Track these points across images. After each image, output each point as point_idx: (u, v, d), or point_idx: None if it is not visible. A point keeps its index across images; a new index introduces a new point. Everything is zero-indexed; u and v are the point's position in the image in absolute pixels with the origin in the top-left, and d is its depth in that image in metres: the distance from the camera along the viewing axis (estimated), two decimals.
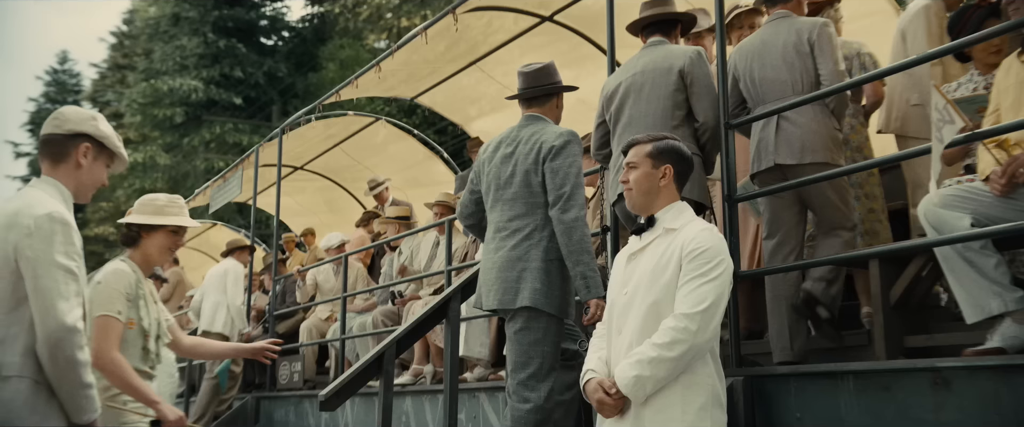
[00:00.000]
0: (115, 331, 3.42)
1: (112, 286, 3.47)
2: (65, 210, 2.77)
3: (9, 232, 2.69)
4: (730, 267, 3.12)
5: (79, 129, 2.93)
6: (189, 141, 27.79)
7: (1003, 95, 3.59)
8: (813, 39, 4.37)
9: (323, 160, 11.99)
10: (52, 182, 2.88)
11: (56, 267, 2.65)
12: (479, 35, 8.10)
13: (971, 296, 3.37)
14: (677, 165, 3.34)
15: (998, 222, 3.38)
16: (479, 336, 6.09)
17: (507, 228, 4.14)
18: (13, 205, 2.77)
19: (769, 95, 4.46)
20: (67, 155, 2.91)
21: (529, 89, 4.34)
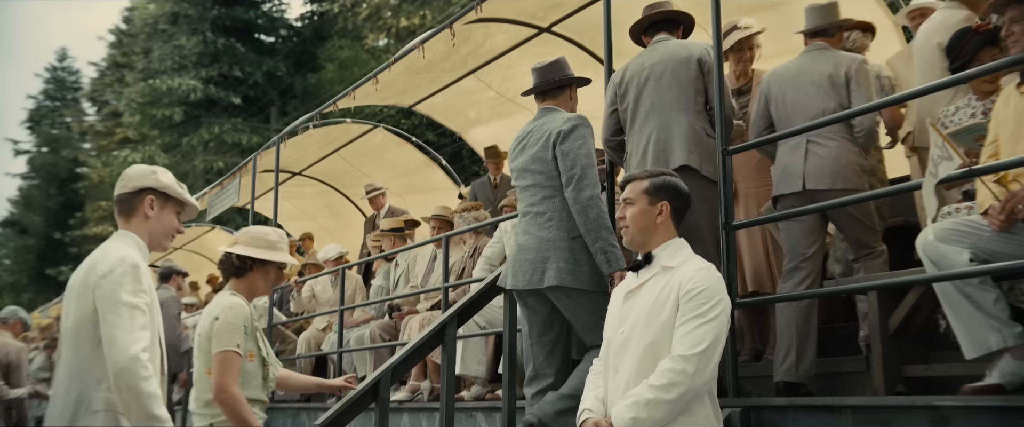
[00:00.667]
0: (234, 366, 3.52)
1: (231, 321, 3.58)
2: (137, 255, 3.02)
3: (89, 275, 2.95)
4: (728, 306, 3.10)
5: (141, 184, 3.17)
6: (188, 141, 27.77)
7: (1002, 126, 3.56)
8: (851, 74, 4.51)
9: (321, 166, 11.96)
10: (127, 234, 3.14)
11: (122, 304, 2.87)
12: (476, 45, 8.07)
13: (970, 332, 3.34)
14: (674, 201, 3.31)
15: (997, 256, 3.36)
16: (476, 354, 6.07)
17: (530, 212, 4.29)
18: (93, 257, 3.04)
19: (797, 120, 4.55)
20: (135, 209, 3.16)
21: (542, 83, 4.47)
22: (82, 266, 3.06)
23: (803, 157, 4.46)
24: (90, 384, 2.91)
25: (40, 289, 42.28)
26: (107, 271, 2.91)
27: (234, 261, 3.76)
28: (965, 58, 4.22)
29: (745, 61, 5.45)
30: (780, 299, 4.16)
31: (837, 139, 4.45)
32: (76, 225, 38.96)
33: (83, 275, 2.99)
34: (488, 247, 6.48)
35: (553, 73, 4.49)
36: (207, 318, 3.64)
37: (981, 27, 4.25)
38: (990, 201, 3.38)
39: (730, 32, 5.44)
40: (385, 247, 7.95)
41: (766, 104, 4.76)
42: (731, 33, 5.43)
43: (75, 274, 3.04)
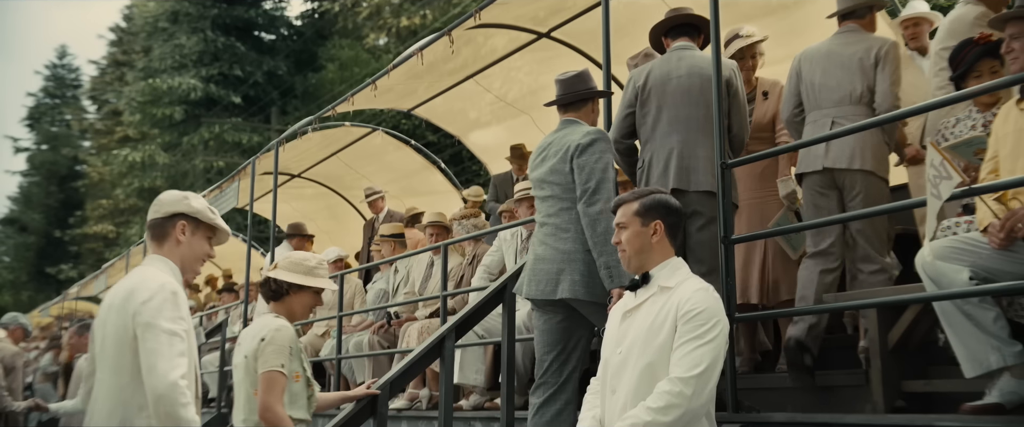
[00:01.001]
0: (279, 386, 3.61)
1: (277, 342, 3.66)
2: (174, 282, 3.08)
3: (128, 302, 3.00)
4: (725, 327, 3.09)
5: (173, 210, 3.23)
6: (188, 140, 27.76)
7: (1001, 143, 3.55)
8: (881, 56, 4.61)
9: (320, 168, 11.94)
10: (160, 259, 3.19)
11: (162, 331, 2.92)
12: (476, 49, 8.04)
13: (969, 350, 3.33)
14: (666, 218, 3.29)
15: (997, 274, 3.35)
16: (474, 363, 6.06)
17: (548, 223, 4.31)
18: (131, 282, 3.08)
19: (825, 101, 4.69)
20: (168, 234, 3.21)
21: (565, 95, 4.48)
22: (118, 291, 3.10)
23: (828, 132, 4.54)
24: (132, 411, 2.97)
25: (40, 287, 42.33)
26: (147, 298, 2.96)
27: (272, 285, 3.85)
28: (964, 68, 4.21)
29: (747, 69, 5.40)
30: (779, 314, 4.14)
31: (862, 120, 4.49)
32: (76, 224, 39.00)
33: (121, 301, 3.03)
34: (487, 256, 6.47)
35: (577, 85, 4.48)
36: (252, 339, 3.71)
37: (983, 37, 4.23)
38: (989, 219, 3.36)
39: (732, 40, 5.42)
40: (385, 252, 7.93)
41: (797, 83, 4.86)
42: (733, 41, 5.41)
43: (110, 298, 3.09)
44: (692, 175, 4.42)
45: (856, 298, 4.21)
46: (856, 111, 4.60)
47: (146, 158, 27.86)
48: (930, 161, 3.17)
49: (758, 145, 5.21)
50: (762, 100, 5.38)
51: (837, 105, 4.66)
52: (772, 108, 5.32)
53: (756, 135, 5.25)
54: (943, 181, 3.17)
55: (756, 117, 5.30)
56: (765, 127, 5.31)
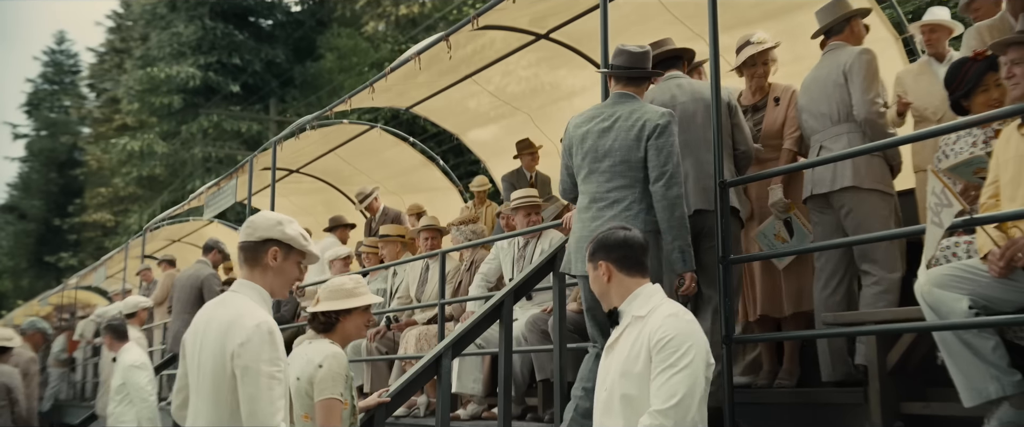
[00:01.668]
0: (337, 412, 3.70)
1: (335, 370, 3.73)
2: (269, 317, 3.09)
3: (226, 340, 3.02)
4: (701, 349, 3.00)
5: (267, 235, 3.23)
6: (187, 128, 27.68)
7: (1003, 168, 3.51)
8: (847, 69, 4.62)
9: (318, 163, 11.90)
10: (251, 286, 3.19)
11: (262, 375, 2.96)
12: (474, 50, 7.99)
13: (969, 379, 3.31)
14: (608, 256, 3.24)
15: (996, 302, 3.33)
16: (472, 371, 6.04)
17: (606, 198, 4.21)
18: (227, 314, 3.09)
19: (812, 127, 4.80)
20: (260, 259, 3.22)
21: (633, 69, 4.38)
22: (214, 320, 3.11)
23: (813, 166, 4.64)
24: None
25: (39, 273, 42.35)
26: (245, 340, 2.98)
27: (321, 318, 3.91)
28: (969, 86, 4.16)
29: (759, 77, 5.28)
30: (775, 337, 4.12)
31: (845, 138, 4.62)
32: (75, 212, 38.94)
33: (218, 335, 3.05)
34: (485, 263, 6.44)
35: (643, 62, 4.41)
36: (308, 365, 3.75)
37: (979, 54, 4.19)
38: (989, 246, 3.34)
39: (743, 47, 5.28)
40: (389, 253, 7.90)
41: (798, 113, 4.97)
42: (744, 49, 5.26)
43: (205, 323, 3.13)
44: (710, 194, 4.38)
45: (859, 318, 4.18)
46: (839, 130, 4.65)
47: (144, 147, 27.78)
48: (931, 188, 3.15)
49: (770, 152, 5.14)
50: (773, 106, 5.25)
51: (822, 129, 4.73)
52: (783, 114, 5.18)
53: (767, 143, 5.15)
54: (944, 209, 3.14)
55: (766, 124, 5.18)
56: (775, 135, 5.18)
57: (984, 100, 4.13)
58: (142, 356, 7.34)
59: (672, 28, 7.24)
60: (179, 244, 17.40)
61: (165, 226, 15.44)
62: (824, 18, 4.95)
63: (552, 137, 9.36)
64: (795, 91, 5.15)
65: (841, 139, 4.64)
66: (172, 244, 17.37)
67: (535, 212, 6.10)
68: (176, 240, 17.20)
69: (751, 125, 5.16)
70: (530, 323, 5.62)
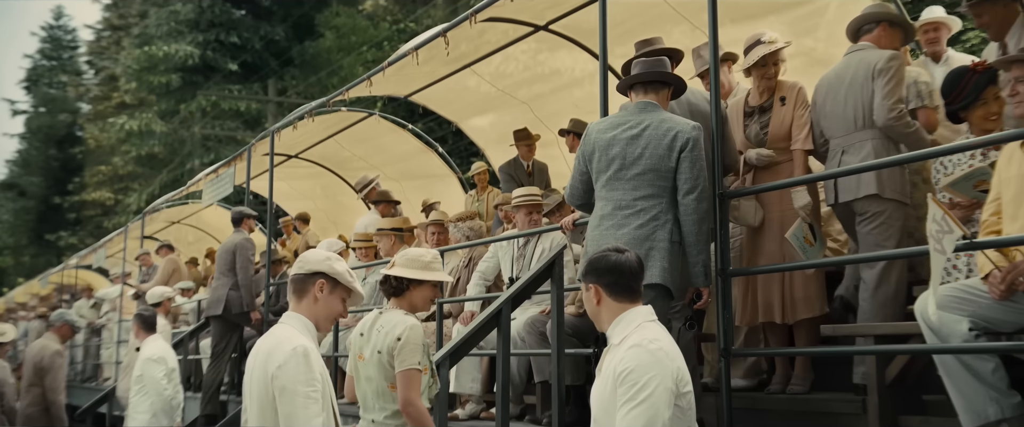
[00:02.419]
0: (417, 381, 3.81)
1: (413, 341, 3.82)
2: (309, 342, 3.30)
3: (267, 364, 3.24)
4: (663, 380, 2.89)
5: (316, 268, 3.44)
6: (186, 107, 27.57)
7: (1004, 186, 3.48)
8: (876, 71, 4.57)
9: (317, 149, 11.86)
10: (297, 316, 3.41)
11: (298, 394, 3.17)
12: (472, 42, 7.92)
13: (968, 401, 3.30)
14: (600, 279, 3.16)
15: (997, 324, 3.32)
16: (471, 371, 6.03)
17: (632, 206, 4.19)
18: (269, 343, 3.32)
19: (834, 130, 4.71)
20: (307, 291, 3.43)
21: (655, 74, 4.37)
22: (259, 351, 3.35)
23: (836, 168, 4.62)
24: None
25: (40, 250, 42.40)
26: (282, 362, 3.20)
27: (392, 282, 3.98)
28: (968, 99, 4.11)
29: (769, 77, 5.14)
30: (774, 353, 4.09)
31: (868, 144, 4.58)
32: (74, 190, 38.90)
33: (262, 363, 3.28)
34: (483, 262, 6.41)
35: (662, 67, 4.38)
36: (387, 336, 3.85)
37: (979, 65, 4.14)
38: (990, 266, 3.31)
39: (753, 47, 5.14)
40: (384, 246, 7.87)
41: (816, 113, 4.88)
42: (755, 48, 5.12)
43: (254, 357, 3.35)
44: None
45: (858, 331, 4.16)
46: (862, 136, 4.59)
47: (143, 126, 27.68)
48: (932, 216, 3.11)
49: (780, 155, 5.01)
50: (779, 106, 5.09)
51: (844, 134, 4.66)
52: (790, 114, 5.03)
53: (774, 145, 5.03)
54: (945, 235, 3.11)
55: (773, 126, 5.04)
56: (783, 137, 5.03)
57: (983, 114, 4.09)
58: (162, 349, 7.53)
59: (671, 21, 7.19)
60: (178, 226, 17.41)
61: (164, 209, 15.41)
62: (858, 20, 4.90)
63: (551, 126, 9.33)
64: (802, 89, 5.04)
65: (865, 146, 4.58)
66: (171, 225, 17.37)
67: (536, 211, 6.05)
68: (175, 221, 17.19)
69: (758, 127, 5.09)
70: (528, 324, 5.60)
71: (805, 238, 4.70)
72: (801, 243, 4.69)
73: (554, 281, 4.84)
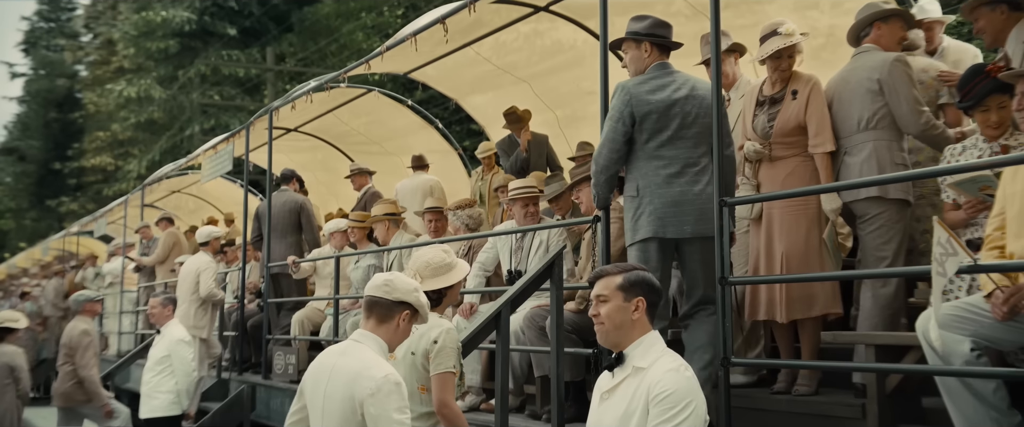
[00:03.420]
0: (452, 384, 3.94)
1: (449, 345, 3.94)
2: (392, 369, 3.42)
3: (354, 388, 3.33)
4: (698, 407, 2.96)
5: (404, 298, 3.55)
6: (184, 73, 27.40)
7: (1009, 201, 3.44)
8: (883, 78, 4.57)
9: (317, 122, 11.78)
10: (373, 337, 3.52)
11: (394, 422, 3.30)
12: (471, 23, 7.81)
13: (969, 421, 3.28)
14: (649, 296, 3.15)
15: (999, 343, 3.30)
16: (470, 363, 6.02)
17: (698, 164, 4.46)
18: (353, 365, 3.40)
19: (840, 132, 4.73)
20: (392, 317, 3.54)
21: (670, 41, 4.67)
22: (338, 370, 3.42)
23: (837, 170, 4.71)
24: None
25: (41, 215, 42.45)
26: (375, 390, 3.29)
27: (432, 297, 4.03)
28: (973, 101, 4.06)
29: (783, 69, 4.99)
30: (772, 364, 4.08)
31: (869, 145, 4.60)
32: (75, 156, 38.82)
33: (347, 386, 3.35)
34: (483, 252, 6.37)
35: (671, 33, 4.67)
36: (421, 339, 3.97)
37: (995, 69, 4.07)
38: (992, 285, 3.28)
39: (770, 37, 4.99)
40: (379, 232, 7.83)
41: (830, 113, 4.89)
42: (771, 39, 4.96)
43: (329, 368, 3.44)
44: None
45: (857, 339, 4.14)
46: (863, 138, 4.58)
47: (142, 92, 27.52)
48: (937, 239, 3.07)
49: (783, 151, 4.90)
50: (790, 100, 4.92)
51: (848, 135, 4.68)
52: (801, 109, 4.85)
53: (779, 140, 4.89)
54: (949, 258, 3.07)
55: (780, 120, 4.90)
56: (788, 132, 4.87)
57: (982, 119, 4.08)
58: (187, 332, 8.04)
59: (672, 5, 7.10)
60: (179, 195, 17.38)
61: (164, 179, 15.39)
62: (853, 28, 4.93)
63: (551, 105, 9.26)
64: (817, 83, 4.88)
65: (866, 147, 4.61)
66: (172, 194, 17.34)
67: (533, 203, 6.00)
68: (176, 191, 17.16)
69: (765, 119, 4.97)
70: (528, 319, 5.58)
71: (835, 241, 4.65)
72: (833, 245, 4.63)
73: (553, 281, 4.81)
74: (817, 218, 4.77)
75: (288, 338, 8.65)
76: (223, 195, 16.36)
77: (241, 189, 12.71)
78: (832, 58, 6.71)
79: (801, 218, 4.79)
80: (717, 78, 4.37)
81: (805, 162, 4.86)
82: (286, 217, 9.47)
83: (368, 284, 3.61)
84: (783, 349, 4.99)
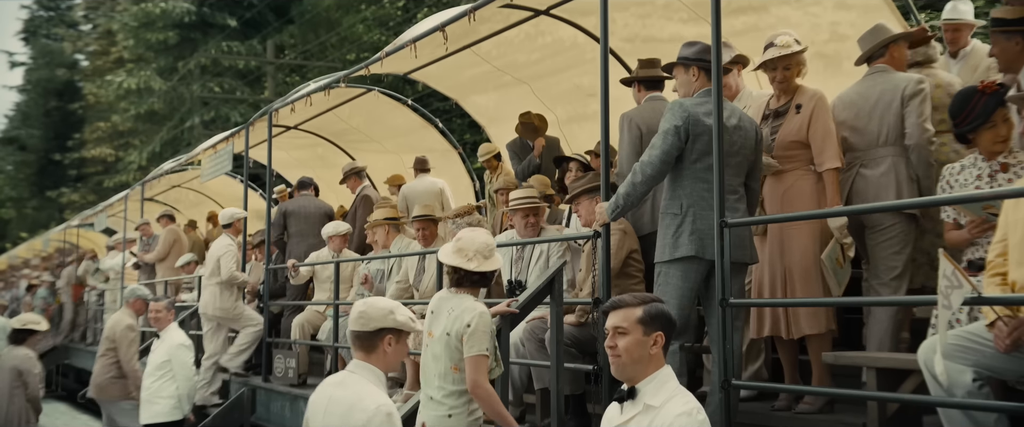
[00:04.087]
0: (484, 366, 4.02)
1: (482, 329, 4.02)
2: (387, 399, 3.50)
3: (349, 419, 3.41)
4: None
5: (381, 325, 3.58)
6: (184, 65, 27.32)
7: (1012, 228, 3.40)
8: (907, 95, 4.71)
9: (316, 120, 11.74)
10: (368, 367, 3.58)
11: None
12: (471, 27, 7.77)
13: None
14: (668, 331, 3.13)
15: (1002, 373, 3.27)
16: None
17: (737, 192, 4.54)
18: (348, 396, 3.49)
19: (856, 145, 4.85)
20: (376, 346, 3.58)
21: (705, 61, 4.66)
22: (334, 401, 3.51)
23: (851, 180, 4.82)
24: None
25: (42, 204, 42.46)
26: (366, 421, 3.37)
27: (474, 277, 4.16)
28: (978, 121, 4.02)
29: (779, 81, 4.95)
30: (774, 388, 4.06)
31: (888, 160, 4.73)
32: (75, 147, 38.78)
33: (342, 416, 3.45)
34: None
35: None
36: (456, 321, 4.05)
37: (988, 86, 4.04)
38: (994, 315, 3.25)
39: (767, 48, 4.95)
40: (379, 236, 7.81)
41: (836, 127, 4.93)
42: (768, 49, 4.93)
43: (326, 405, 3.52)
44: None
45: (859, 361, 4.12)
46: (883, 152, 4.73)
47: (141, 84, 27.45)
48: (942, 271, 3.03)
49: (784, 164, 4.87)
50: (793, 113, 4.88)
51: (866, 148, 4.80)
52: (805, 124, 4.80)
53: (780, 153, 4.88)
54: (954, 290, 3.04)
55: (782, 133, 4.87)
56: (788, 146, 4.85)
57: (992, 136, 4.03)
58: (186, 337, 8.15)
59: (671, 8, 7.06)
60: (179, 190, 17.36)
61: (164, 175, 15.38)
62: (865, 45, 5.01)
63: (551, 107, 9.22)
64: (822, 98, 4.84)
65: (884, 161, 4.73)
66: (173, 189, 17.33)
67: (533, 214, 5.97)
68: (176, 186, 17.15)
69: (768, 132, 4.95)
70: (528, 331, 5.55)
71: (837, 260, 4.63)
72: (833, 265, 4.61)
73: (553, 298, 4.79)
74: (821, 233, 4.74)
75: (289, 342, 8.64)
76: (223, 190, 16.33)
77: (241, 184, 12.70)
78: (834, 55, 6.72)
79: (805, 233, 4.76)
80: (717, 78, 4.29)
81: (806, 175, 4.84)
82: (318, 220, 9.61)
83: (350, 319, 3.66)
84: (787, 364, 4.97)
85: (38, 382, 8.96)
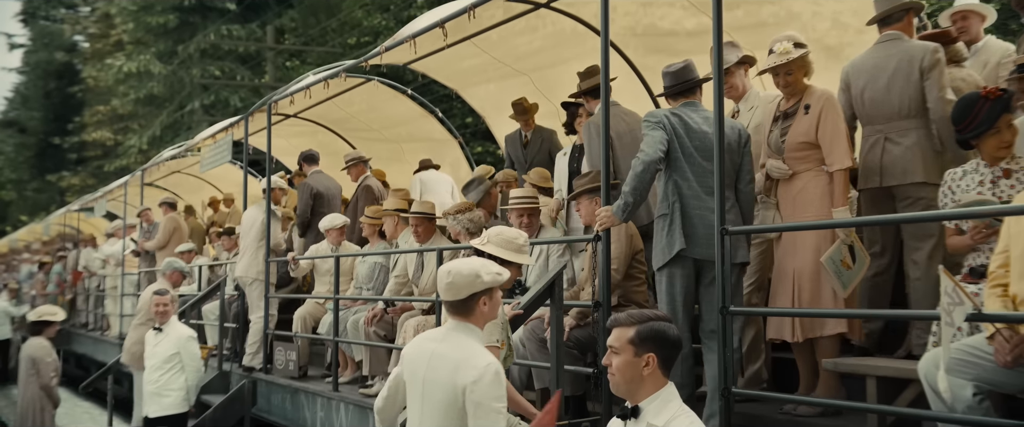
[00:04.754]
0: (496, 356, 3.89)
1: (494, 321, 3.98)
2: (493, 358, 3.52)
3: (457, 376, 3.43)
4: None
5: (471, 291, 3.57)
6: (184, 49, 27.22)
7: (1014, 240, 3.39)
8: (925, 66, 4.71)
9: (315, 109, 11.70)
10: (470, 328, 3.61)
11: (494, 411, 3.39)
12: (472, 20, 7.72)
13: None
14: (660, 351, 3.06)
15: (1003, 386, 3.27)
16: None
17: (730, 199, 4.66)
18: (455, 352, 3.51)
19: (876, 117, 4.87)
20: (472, 309, 3.60)
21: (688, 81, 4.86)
22: (438, 356, 3.54)
23: (879, 154, 4.80)
24: None
25: (42, 187, 42.44)
26: (477, 378, 3.39)
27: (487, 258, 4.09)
28: (983, 127, 4.01)
29: (783, 85, 4.94)
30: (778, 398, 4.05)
31: (913, 134, 4.73)
32: (75, 130, 38.71)
33: (450, 373, 3.46)
34: None
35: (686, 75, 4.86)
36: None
37: (990, 92, 4.02)
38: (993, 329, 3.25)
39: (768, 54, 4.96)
40: (387, 226, 7.80)
41: (847, 97, 4.98)
42: (768, 57, 4.94)
43: (428, 360, 3.55)
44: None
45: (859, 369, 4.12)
46: (907, 125, 4.75)
47: (141, 68, 27.36)
48: (944, 288, 3.02)
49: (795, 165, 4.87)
50: (802, 114, 4.87)
51: (888, 120, 4.80)
52: (811, 125, 4.80)
53: (790, 154, 4.88)
54: (956, 307, 3.03)
55: (792, 135, 4.87)
56: (800, 147, 4.84)
57: (996, 142, 4.03)
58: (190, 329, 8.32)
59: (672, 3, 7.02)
60: (180, 176, 17.34)
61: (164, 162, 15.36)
62: (884, 5, 4.96)
63: (551, 98, 9.17)
64: (830, 98, 4.83)
65: (910, 134, 4.74)
66: (173, 174, 17.31)
67: (528, 214, 5.95)
68: (177, 171, 17.14)
69: (778, 133, 4.95)
70: (529, 331, 5.55)
71: (842, 262, 4.54)
72: (837, 267, 4.53)
73: (554, 302, 4.79)
74: (829, 234, 4.71)
75: (289, 334, 8.64)
76: (223, 175, 16.31)
77: (240, 170, 12.69)
78: (837, 45, 6.68)
79: (812, 235, 4.75)
80: (718, 78, 4.27)
81: (817, 176, 4.82)
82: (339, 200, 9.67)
83: (438, 285, 3.64)
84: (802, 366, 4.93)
85: (50, 370, 9.07)
